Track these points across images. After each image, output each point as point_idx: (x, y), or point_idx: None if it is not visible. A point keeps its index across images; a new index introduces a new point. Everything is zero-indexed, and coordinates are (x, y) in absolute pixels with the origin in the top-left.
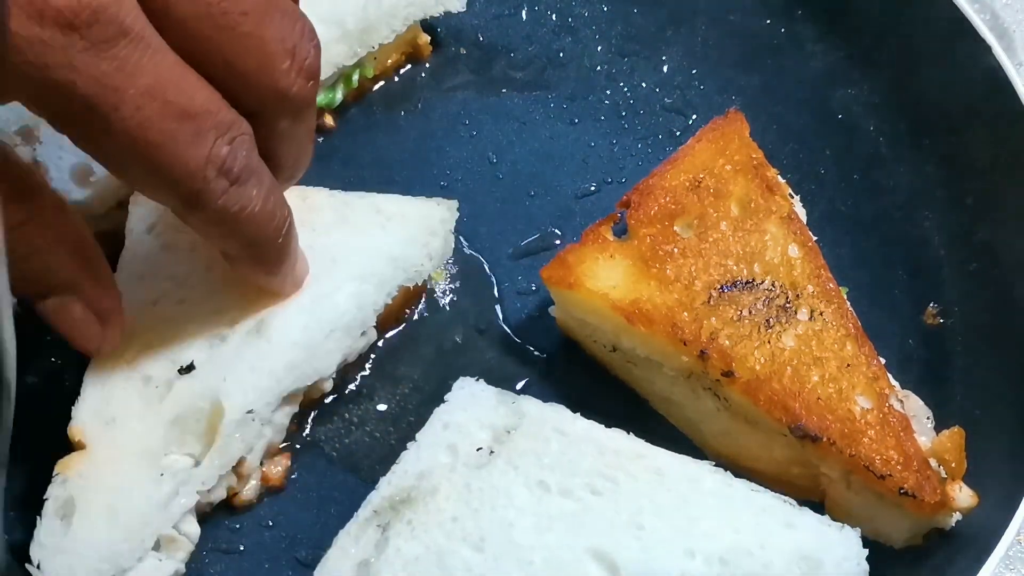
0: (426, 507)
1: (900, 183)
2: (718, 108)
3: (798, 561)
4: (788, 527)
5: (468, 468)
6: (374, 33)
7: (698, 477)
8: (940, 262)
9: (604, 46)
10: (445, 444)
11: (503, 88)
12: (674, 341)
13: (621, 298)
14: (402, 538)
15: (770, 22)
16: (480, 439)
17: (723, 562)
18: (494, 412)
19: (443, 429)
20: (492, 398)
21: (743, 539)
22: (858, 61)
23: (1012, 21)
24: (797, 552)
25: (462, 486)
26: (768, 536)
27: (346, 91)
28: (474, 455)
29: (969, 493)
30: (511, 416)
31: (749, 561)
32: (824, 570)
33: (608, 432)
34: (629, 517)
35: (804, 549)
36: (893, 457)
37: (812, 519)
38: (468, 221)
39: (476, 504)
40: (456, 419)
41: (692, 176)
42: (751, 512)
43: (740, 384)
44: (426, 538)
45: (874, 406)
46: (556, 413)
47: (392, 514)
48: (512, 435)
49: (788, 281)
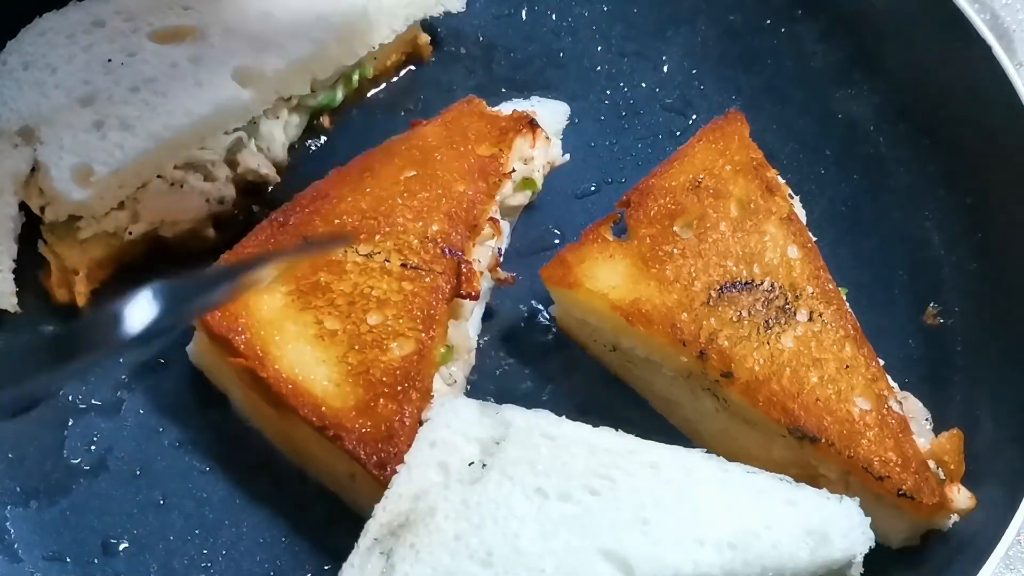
0: (427, 528)
1: (900, 183)
2: (718, 108)
3: (805, 537)
4: (790, 504)
5: (462, 484)
6: (374, 33)
7: (693, 466)
8: (940, 262)
9: (604, 46)
10: (435, 463)
11: (503, 88)
12: (673, 341)
13: (620, 298)
14: (407, 563)
15: (770, 22)
16: (469, 453)
17: (732, 547)
18: (478, 425)
19: (430, 448)
20: (475, 411)
21: (748, 522)
22: (858, 61)
23: (1012, 21)
24: (803, 528)
25: (459, 503)
26: (772, 516)
27: (346, 91)
28: (466, 470)
29: (967, 495)
30: (496, 427)
31: (757, 543)
32: (832, 543)
33: (597, 431)
34: (632, 513)
35: (809, 525)
36: (892, 458)
37: (811, 493)
38: None
39: (477, 519)
40: (441, 436)
41: (692, 176)
42: (751, 494)
43: (739, 385)
44: (432, 560)
45: (873, 407)
46: (541, 419)
47: (393, 540)
48: (501, 446)
49: (787, 282)
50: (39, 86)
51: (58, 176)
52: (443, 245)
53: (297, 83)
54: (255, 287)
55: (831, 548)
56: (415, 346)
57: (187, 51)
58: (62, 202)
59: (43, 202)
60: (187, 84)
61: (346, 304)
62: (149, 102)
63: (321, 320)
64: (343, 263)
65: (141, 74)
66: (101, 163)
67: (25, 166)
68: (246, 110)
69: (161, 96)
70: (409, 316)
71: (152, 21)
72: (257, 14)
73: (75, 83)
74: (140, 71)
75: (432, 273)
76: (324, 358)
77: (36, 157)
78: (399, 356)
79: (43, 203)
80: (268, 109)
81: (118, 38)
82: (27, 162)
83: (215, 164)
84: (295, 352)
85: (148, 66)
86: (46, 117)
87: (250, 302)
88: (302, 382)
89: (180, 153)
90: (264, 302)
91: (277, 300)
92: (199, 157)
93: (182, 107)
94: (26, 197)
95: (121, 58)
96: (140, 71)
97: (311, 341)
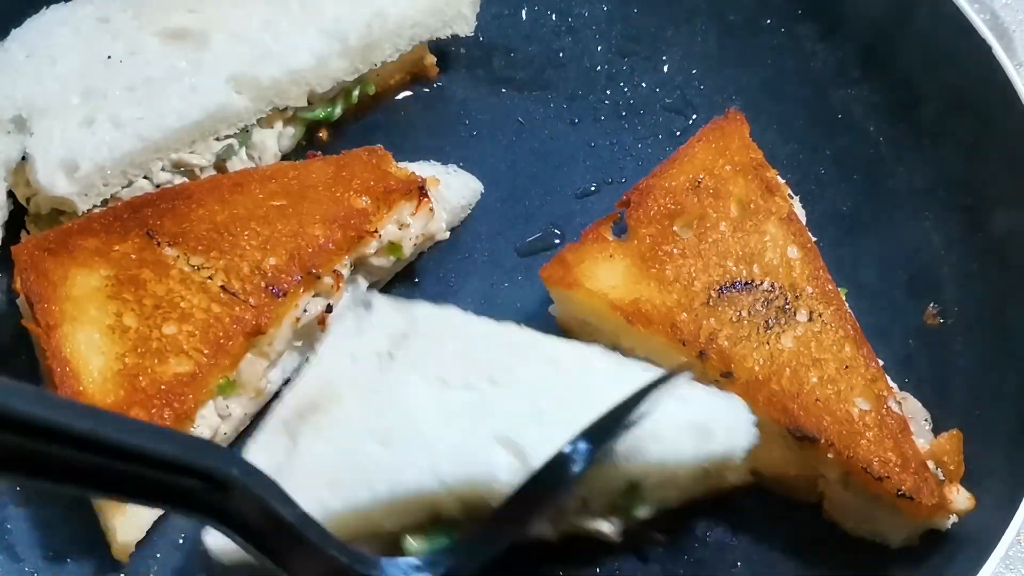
0: (332, 412)
1: (900, 183)
2: (718, 108)
3: (689, 430)
4: (679, 400)
5: (369, 372)
6: (377, 50)
7: (591, 360)
8: (940, 262)
9: (604, 46)
10: (346, 353)
11: (503, 88)
12: (673, 341)
13: (620, 298)
14: (310, 441)
15: (770, 22)
16: (379, 344)
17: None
18: (389, 319)
19: (342, 338)
20: (386, 305)
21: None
22: (858, 61)
23: (1012, 21)
24: (688, 422)
25: (365, 389)
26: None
27: (345, 106)
28: (374, 360)
29: (966, 496)
30: (406, 321)
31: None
32: (715, 438)
33: (501, 326)
34: (529, 403)
35: (694, 419)
36: (891, 459)
37: (701, 391)
38: (468, 221)
39: (380, 403)
40: (353, 328)
41: (692, 176)
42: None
43: (739, 385)
44: (334, 439)
45: (872, 408)
46: (450, 313)
47: (299, 422)
48: (409, 338)
49: (787, 282)
50: (37, 76)
51: (44, 168)
52: (270, 282)
53: (294, 94)
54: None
55: (714, 443)
56: (192, 368)
57: (187, 53)
58: (46, 194)
59: (29, 193)
60: (183, 86)
61: (152, 306)
62: (143, 102)
63: (122, 314)
64: (170, 267)
65: (139, 73)
66: (88, 159)
67: (16, 154)
68: (239, 117)
69: (155, 97)
70: (203, 337)
71: (157, 20)
72: (261, 22)
73: (73, 77)
74: (138, 70)
75: (244, 304)
76: (105, 350)
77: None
78: (172, 372)
79: (29, 194)
80: (262, 118)
81: (121, 35)
82: (18, 150)
83: (203, 169)
84: (84, 336)
85: (147, 65)
86: (40, 108)
87: (73, 274)
88: (74, 365)
89: (168, 155)
90: (82, 279)
91: (94, 281)
92: (187, 160)
93: (175, 109)
94: (14, 186)
95: (121, 56)
96: (138, 70)
97: (103, 330)
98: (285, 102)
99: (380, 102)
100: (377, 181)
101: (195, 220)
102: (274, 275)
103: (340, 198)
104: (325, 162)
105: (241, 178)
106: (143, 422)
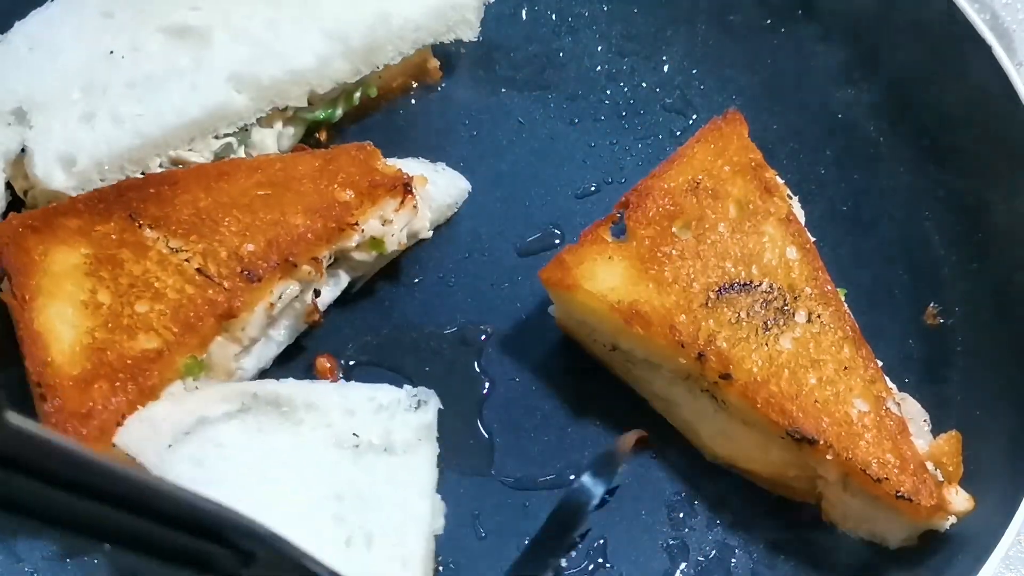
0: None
1: (900, 183)
2: (718, 108)
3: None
4: None
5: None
6: (379, 52)
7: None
8: (940, 262)
9: (604, 46)
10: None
11: (503, 88)
12: (672, 343)
13: (619, 300)
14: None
15: (770, 22)
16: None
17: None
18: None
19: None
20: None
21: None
22: (858, 61)
23: (1012, 21)
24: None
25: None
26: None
27: (346, 108)
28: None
29: (965, 497)
30: None
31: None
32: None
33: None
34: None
35: None
36: (890, 460)
37: None
38: (468, 221)
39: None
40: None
41: (690, 177)
42: None
43: (738, 386)
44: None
45: (871, 409)
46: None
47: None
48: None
49: (786, 283)
50: (39, 69)
51: (41, 162)
52: (246, 267)
53: (294, 94)
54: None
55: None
56: (159, 345)
57: (189, 50)
58: (43, 188)
59: (27, 186)
60: (183, 84)
61: (126, 285)
62: (143, 99)
63: (96, 290)
64: (149, 249)
65: (140, 69)
66: (85, 154)
67: (15, 146)
68: (238, 116)
69: (155, 93)
70: (173, 316)
71: (159, 16)
72: (263, 21)
73: (74, 71)
74: (140, 66)
75: (218, 287)
76: (76, 324)
77: (24, 141)
78: (140, 348)
79: (27, 187)
80: (262, 118)
81: (124, 31)
82: (17, 142)
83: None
84: (57, 309)
85: (148, 62)
86: (40, 102)
87: (54, 251)
88: (44, 337)
89: (167, 152)
90: (62, 256)
91: (73, 258)
92: (185, 158)
93: (174, 107)
94: (12, 178)
95: (123, 51)
96: (140, 66)
97: (76, 305)
98: (285, 102)
99: (381, 104)
100: (363, 176)
101: (178, 205)
102: (250, 260)
103: (324, 190)
104: (313, 155)
105: (228, 167)
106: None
